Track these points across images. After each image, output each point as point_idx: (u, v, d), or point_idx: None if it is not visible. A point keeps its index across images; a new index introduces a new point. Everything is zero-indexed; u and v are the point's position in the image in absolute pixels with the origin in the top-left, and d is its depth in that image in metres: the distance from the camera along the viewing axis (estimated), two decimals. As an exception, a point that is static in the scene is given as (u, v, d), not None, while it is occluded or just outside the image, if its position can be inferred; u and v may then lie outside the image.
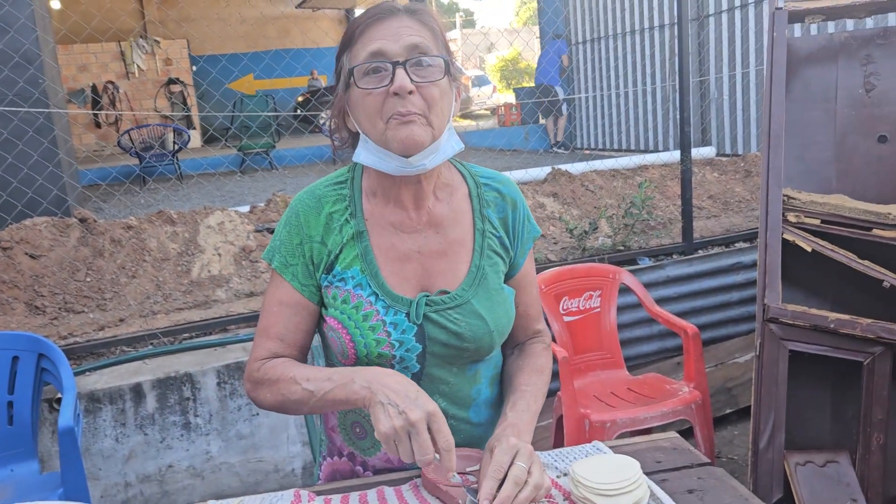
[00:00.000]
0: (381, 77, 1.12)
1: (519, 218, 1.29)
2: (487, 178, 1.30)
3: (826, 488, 2.24)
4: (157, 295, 3.57)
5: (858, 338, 2.22)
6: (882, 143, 2.53)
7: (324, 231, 1.21)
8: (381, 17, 1.13)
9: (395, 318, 1.18)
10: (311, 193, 1.24)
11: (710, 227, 4.34)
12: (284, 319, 1.21)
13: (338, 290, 1.20)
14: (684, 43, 3.79)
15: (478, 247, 1.24)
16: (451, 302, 1.20)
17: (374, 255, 1.20)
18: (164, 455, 2.74)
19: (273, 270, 1.23)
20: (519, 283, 1.32)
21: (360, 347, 1.17)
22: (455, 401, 1.23)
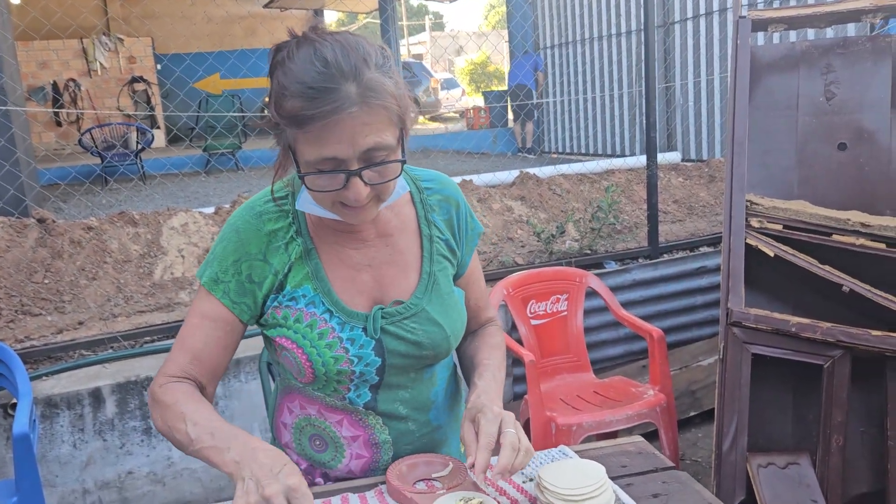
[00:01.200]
0: (333, 178, 1.03)
1: (462, 217, 1.28)
2: (429, 182, 1.28)
3: (787, 490, 2.27)
4: (117, 297, 3.50)
5: (819, 341, 2.25)
6: (842, 150, 2.58)
7: (266, 249, 1.16)
8: (333, 114, 0.98)
9: (351, 334, 1.15)
10: (251, 210, 1.18)
11: (675, 231, 4.39)
12: (204, 333, 1.16)
13: (289, 310, 1.16)
14: (651, 49, 3.83)
15: (427, 253, 1.23)
16: (407, 312, 1.19)
17: (324, 272, 1.17)
18: (124, 461, 2.68)
19: (201, 286, 1.18)
20: (467, 281, 1.32)
21: (317, 367, 1.15)
22: (415, 406, 1.23)
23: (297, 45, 1.03)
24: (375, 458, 1.21)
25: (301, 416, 1.23)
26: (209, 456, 1.04)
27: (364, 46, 1.03)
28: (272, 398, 1.33)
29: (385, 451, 1.21)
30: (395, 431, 1.21)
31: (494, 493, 1.09)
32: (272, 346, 1.21)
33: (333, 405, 1.20)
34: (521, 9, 10.44)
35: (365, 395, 1.19)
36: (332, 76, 0.99)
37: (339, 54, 1.00)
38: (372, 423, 1.20)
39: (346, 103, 0.99)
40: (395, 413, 1.21)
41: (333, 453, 1.22)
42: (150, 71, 13.00)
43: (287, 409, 1.25)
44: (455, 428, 1.31)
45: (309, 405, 1.22)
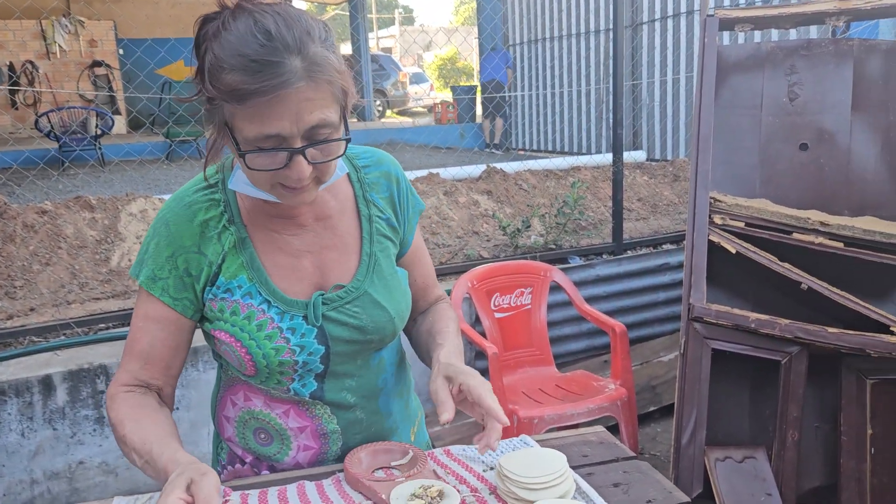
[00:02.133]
0: (274, 157, 0.98)
1: (403, 194, 1.24)
2: (365, 159, 1.23)
3: (743, 483, 2.30)
4: (72, 284, 3.40)
5: (777, 338, 2.29)
6: (803, 150, 2.62)
7: (199, 240, 1.11)
8: (279, 88, 0.93)
9: (291, 324, 1.11)
10: (180, 201, 1.12)
11: (639, 228, 4.43)
12: (150, 335, 1.12)
13: (225, 302, 1.11)
14: (619, 48, 3.85)
15: (366, 234, 1.19)
16: (348, 296, 1.14)
17: (260, 260, 1.12)
18: (75, 451, 2.61)
19: (140, 287, 1.12)
20: (412, 258, 1.28)
21: (258, 359, 1.10)
22: (363, 394, 1.19)
23: (232, 15, 0.97)
24: (324, 448, 1.18)
25: (244, 409, 1.19)
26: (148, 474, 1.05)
27: (306, 19, 0.98)
28: (213, 392, 1.29)
29: (333, 442, 1.17)
30: (344, 421, 1.17)
31: (454, 482, 1.07)
32: (211, 339, 1.16)
33: (279, 397, 1.16)
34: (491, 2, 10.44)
35: (311, 385, 1.15)
36: (275, 49, 0.94)
37: (283, 26, 0.95)
38: (319, 412, 1.16)
39: (291, 77, 0.93)
40: (342, 402, 1.17)
41: (280, 446, 1.18)
42: (111, 55, 12.71)
43: (230, 402, 1.21)
44: (406, 418, 1.28)
45: (254, 396, 1.18)
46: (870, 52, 2.60)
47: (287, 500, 1.05)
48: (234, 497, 1.04)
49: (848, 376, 2.33)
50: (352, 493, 1.06)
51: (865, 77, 2.59)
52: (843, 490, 2.31)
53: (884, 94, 2.56)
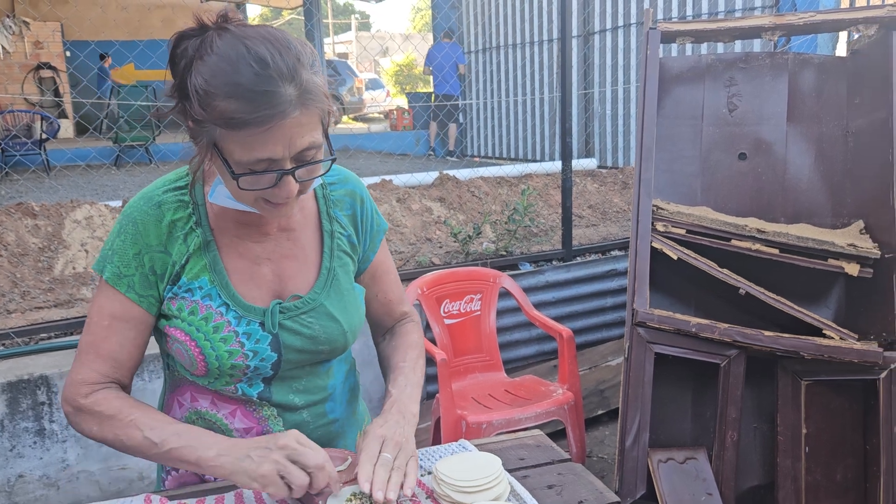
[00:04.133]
0: (264, 176, 1.01)
1: (366, 213, 1.28)
2: (333, 178, 1.26)
3: (685, 483, 2.36)
4: (13, 293, 3.31)
5: (716, 341, 2.36)
6: (742, 160, 2.71)
7: (166, 240, 1.12)
8: (275, 119, 0.95)
9: (248, 329, 1.13)
10: (149, 200, 1.13)
11: (588, 235, 4.51)
12: (118, 336, 1.12)
13: (184, 301, 1.12)
14: (567, 58, 3.92)
15: (327, 249, 1.22)
16: (305, 307, 1.17)
17: (223, 264, 1.14)
18: (14, 464, 2.54)
19: (103, 281, 1.12)
20: (374, 274, 1.32)
21: (210, 360, 1.12)
22: (311, 399, 1.21)
23: (217, 37, 0.98)
24: None
25: (191, 410, 1.20)
26: (182, 455, 1.05)
27: (294, 44, 1.00)
28: (160, 396, 1.29)
29: None
30: (290, 423, 1.19)
31: None
32: (163, 337, 1.17)
33: (226, 395, 1.18)
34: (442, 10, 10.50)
35: (258, 386, 1.17)
36: (270, 78, 0.95)
37: (276, 54, 0.97)
38: (266, 414, 1.18)
39: (287, 108, 0.96)
40: (289, 404, 1.19)
41: None
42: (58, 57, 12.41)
43: (177, 403, 1.21)
44: (353, 423, 1.30)
45: (201, 396, 1.19)
46: (804, 65, 2.70)
47: (224, 508, 1.05)
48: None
49: (783, 378, 2.41)
50: (288, 499, 1.06)
51: (799, 89, 2.69)
52: (780, 488, 2.38)
53: (816, 106, 2.67)
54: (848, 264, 2.42)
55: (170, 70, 1.02)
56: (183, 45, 1.00)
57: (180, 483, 1.22)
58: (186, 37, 1.00)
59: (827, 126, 2.65)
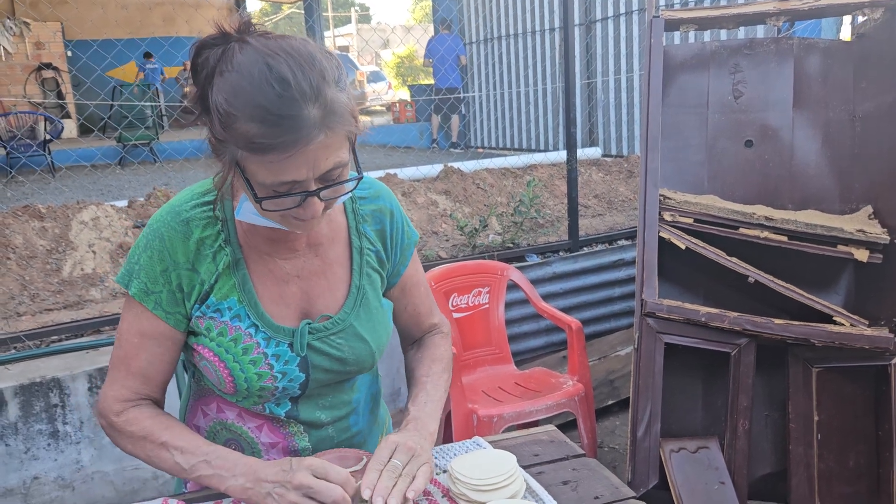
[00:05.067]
0: (288, 199, 0.98)
1: (396, 227, 1.24)
2: (363, 192, 1.23)
3: (697, 473, 2.36)
4: (22, 295, 3.33)
5: (726, 330, 2.35)
6: (748, 147, 2.70)
7: (194, 258, 1.10)
8: (298, 145, 0.92)
9: (277, 350, 1.12)
10: (177, 216, 1.10)
11: (595, 225, 4.50)
12: (147, 353, 1.11)
13: (213, 321, 1.11)
14: (570, 46, 3.90)
15: (356, 266, 1.19)
16: (334, 327, 1.16)
17: (252, 283, 1.12)
18: (29, 466, 2.56)
19: (130, 298, 1.11)
20: (404, 287, 1.29)
21: (240, 382, 1.11)
22: (336, 414, 1.21)
23: (239, 50, 0.94)
24: None
25: (216, 420, 1.19)
26: (211, 483, 1.05)
27: (318, 58, 0.95)
28: (184, 399, 1.29)
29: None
30: (315, 438, 1.19)
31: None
32: (190, 350, 1.16)
33: (254, 412, 1.18)
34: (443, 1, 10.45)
35: (285, 406, 1.17)
36: (293, 100, 0.91)
37: (298, 72, 0.92)
38: (293, 430, 1.18)
39: (311, 132, 0.92)
40: (316, 421, 1.19)
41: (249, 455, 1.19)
42: (59, 58, 12.41)
43: (202, 412, 1.21)
44: (375, 429, 1.30)
45: (227, 409, 1.19)
46: (809, 50, 2.68)
47: (241, 511, 1.05)
48: (188, 510, 1.05)
49: (794, 365, 2.41)
50: (306, 502, 1.06)
51: (805, 75, 2.67)
52: (793, 476, 2.38)
53: (822, 91, 2.65)
54: (857, 250, 2.41)
55: (191, 78, 0.99)
56: (204, 55, 0.97)
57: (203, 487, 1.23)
58: (207, 46, 0.97)
59: (834, 111, 2.63)
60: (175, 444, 1.07)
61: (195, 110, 0.99)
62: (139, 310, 1.11)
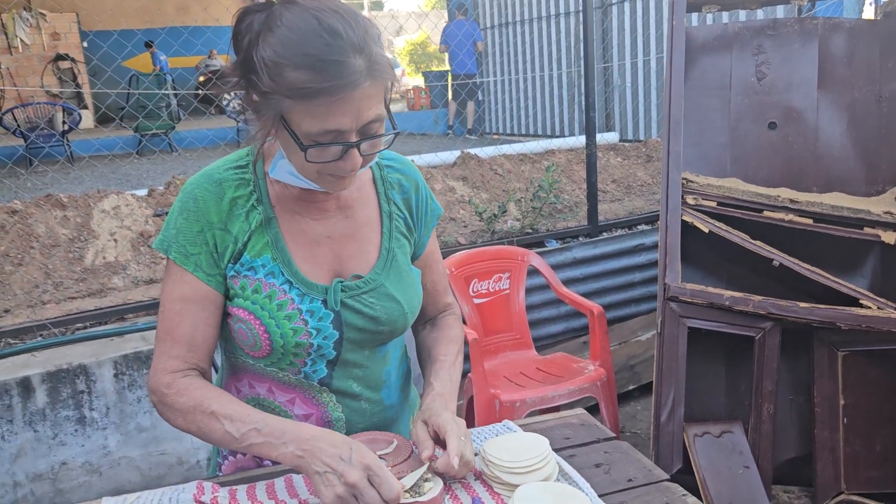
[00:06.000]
0: (330, 149, 1.02)
1: (422, 198, 1.28)
2: (389, 161, 1.27)
3: (721, 457, 2.35)
4: (46, 284, 3.36)
5: (750, 314, 2.33)
6: (772, 129, 2.67)
7: (227, 217, 1.12)
8: (347, 89, 0.97)
9: (311, 306, 1.13)
10: (210, 178, 1.14)
11: (614, 210, 4.47)
12: (191, 317, 1.12)
13: (247, 279, 1.12)
14: (589, 30, 3.87)
15: (385, 229, 1.22)
16: (366, 286, 1.17)
17: (284, 241, 1.14)
18: (57, 452, 2.59)
19: (171, 262, 1.13)
20: (425, 262, 1.31)
21: (275, 338, 1.12)
22: (368, 384, 1.22)
23: (285, 10, 0.99)
24: None
25: (250, 397, 1.20)
26: (261, 452, 1.05)
27: (361, 17, 1.02)
28: (217, 382, 1.30)
29: (338, 430, 1.19)
30: (349, 410, 1.20)
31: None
32: (225, 320, 1.17)
33: (286, 382, 1.18)
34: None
35: (321, 371, 1.17)
36: (342, 48, 0.97)
37: (346, 26, 0.98)
38: (325, 400, 1.19)
39: (358, 78, 0.97)
40: (348, 391, 1.19)
41: None
42: (75, 48, 12.47)
43: (235, 390, 1.22)
44: (406, 408, 1.31)
45: (258, 384, 1.19)
46: (834, 30, 2.64)
47: (275, 492, 1.06)
48: (223, 493, 1.06)
49: (820, 349, 2.39)
50: None
51: (830, 55, 2.63)
52: (818, 460, 2.37)
53: (848, 72, 2.61)
54: (884, 232, 2.38)
55: (232, 46, 1.03)
56: (248, 20, 1.01)
57: (238, 468, 1.24)
58: (251, 12, 1.01)
59: (859, 91, 2.59)
60: (224, 412, 1.07)
61: (234, 76, 1.04)
62: (180, 274, 1.12)
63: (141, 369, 2.69)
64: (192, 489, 1.06)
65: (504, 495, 1.02)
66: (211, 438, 1.09)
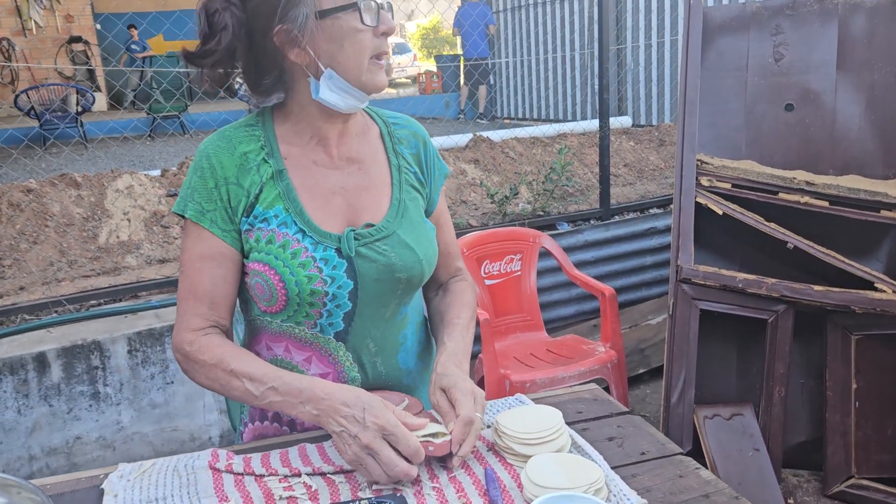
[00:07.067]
0: (371, 15, 1.11)
1: (430, 154, 1.31)
2: (395, 118, 1.31)
3: (732, 439, 2.35)
4: (61, 262, 3.39)
5: (763, 297, 2.32)
6: (789, 111, 2.64)
7: (238, 171, 1.16)
8: None
9: (325, 254, 1.15)
10: (221, 136, 1.19)
11: (626, 193, 4.45)
12: (210, 274, 1.15)
13: (261, 231, 1.14)
14: (604, 11, 3.83)
15: (396, 182, 1.24)
16: (378, 234, 1.18)
17: (296, 192, 1.17)
18: (72, 426, 2.62)
19: (188, 221, 1.15)
20: (437, 221, 1.32)
21: (290, 286, 1.13)
22: (384, 347, 1.22)
23: None
24: None
25: (268, 359, 1.20)
26: (281, 409, 1.07)
27: None
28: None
29: None
30: (364, 370, 1.20)
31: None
32: (243, 278, 1.19)
33: (303, 339, 1.18)
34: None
35: (337, 325, 1.18)
36: None
37: None
38: (342, 359, 1.19)
39: None
40: (364, 349, 1.20)
41: None
42: (89, 30, 12.47)
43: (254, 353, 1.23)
44: (425, 378, 1.30)
45: (275, 344, 1.20)
46: (854, 10, 2.61)
47: (289, 460, 1.07)
48: (237, 460, 1.06)
49: (833, 333, 2.38)
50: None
51: (850, 36, 2.60)
52: (829, 443, 2.36)
53: (868, 53, 2.58)
54: (901, 216, 2.36)
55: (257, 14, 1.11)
56: None
57: (256, 435, 1.25)
58: None
59: (879, 73, 2.56)
60: (244, 371, 1.09)
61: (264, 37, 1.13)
62: (197, 232, 1.15)
63: (154, 346, 2.71)
64: (206, 456, 1.07)
65: (517, 466, 1.02)
66: (233, 396, 1.11)
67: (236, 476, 1.03)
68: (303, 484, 1.01)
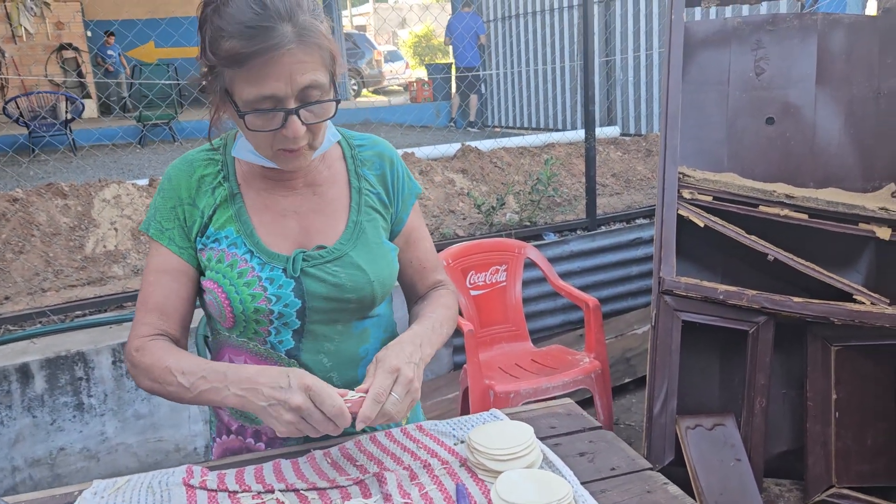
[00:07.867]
0: (271, 118, 1.07)
1: (397, 174, 1.31)
2: (362, 140, 1.32)
3: (713, 450, 2.37)
4: (46, 272, 3.38)
5: (744, 308, 2.34)
6: (769, 124, 2.67)
7: (195, 193, 1.20)
8: (272, 50, 1.02)
9: (270, 274, 1.17)
10: (184, 159, 1.24)
11: (612, 203, 4.48)
12: (163, 288, 1.19)
13: (212, 251, 1.19)
14: (589, 24, 3.87)
15: (355, 204, 1.25)
16: (329, 256, 1.20)
17: (248, 215, 1.20)
18: (55, 437, 2.62)
19: (150, 239, 1.22)
20: (409, 239, 1.33)
21: (235, 304, 1.16)
22: (341, 360, 1.22)
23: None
24: None
25: None
26: (210, 398, 1.09)
27: None
28: None
29: None
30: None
31: (426, 455, 1.11)
32: (201, 295, 1.23)
33: (258, 353, 1.20)
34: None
35: (287, 342, 1.19)
36: (269, 16, 1.03)
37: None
38: None
39: (283, 41, 1.03)
40: (319, 365, 1.20)
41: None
42: (79, 38, 12.46)
43: None
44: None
45: (236, 357, 1.22)
46: (833, 26, 2.64)
47: (263, 477, 1.08)
48: (211, 476, 1.07)
49: (813, 344, 2.40)
50: (326, 470, 1.09)
51: (829, 51, 2.63)
52: (810, 453, 2.38)
53: (847, 68, 2.61)
54: (879, 228, 2.39)
55: (199, 34, 1.11)
56: (205, 9, 1.09)
57: (224, 449, 1.26)
58: (208, 2, 1.09)
59: (858, 87, 2.60)
60: (177, 366, 1.11)
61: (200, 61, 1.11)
62: (156, 248, 1.21)
63: (139, 357, 2.71)
64: (181, 472, 1.08)
65: (488, 482, 1.03)
66: (170, 393, 1.13)
67: (210, 493, 1.04)
68: (276, 500, 1.01)
